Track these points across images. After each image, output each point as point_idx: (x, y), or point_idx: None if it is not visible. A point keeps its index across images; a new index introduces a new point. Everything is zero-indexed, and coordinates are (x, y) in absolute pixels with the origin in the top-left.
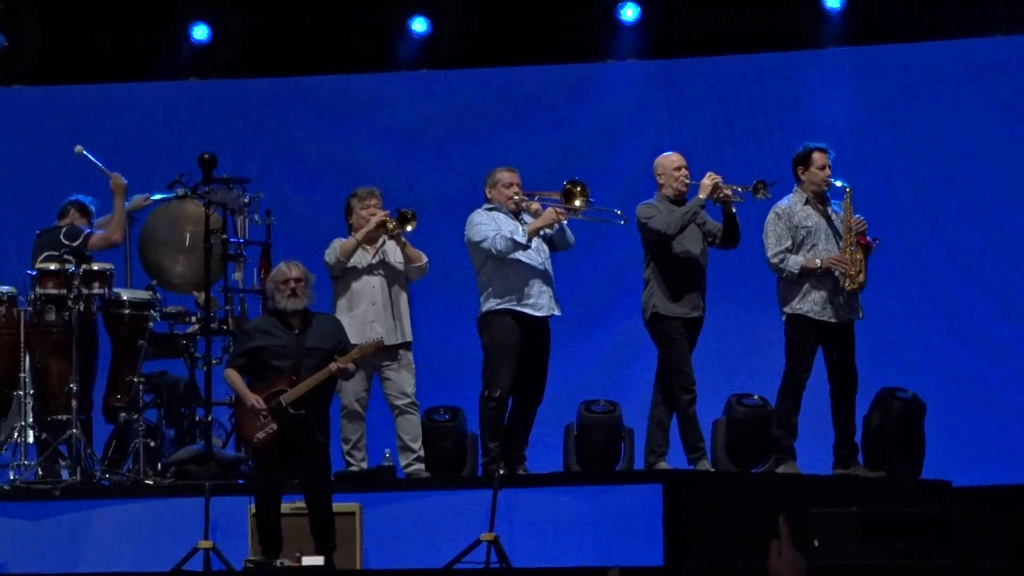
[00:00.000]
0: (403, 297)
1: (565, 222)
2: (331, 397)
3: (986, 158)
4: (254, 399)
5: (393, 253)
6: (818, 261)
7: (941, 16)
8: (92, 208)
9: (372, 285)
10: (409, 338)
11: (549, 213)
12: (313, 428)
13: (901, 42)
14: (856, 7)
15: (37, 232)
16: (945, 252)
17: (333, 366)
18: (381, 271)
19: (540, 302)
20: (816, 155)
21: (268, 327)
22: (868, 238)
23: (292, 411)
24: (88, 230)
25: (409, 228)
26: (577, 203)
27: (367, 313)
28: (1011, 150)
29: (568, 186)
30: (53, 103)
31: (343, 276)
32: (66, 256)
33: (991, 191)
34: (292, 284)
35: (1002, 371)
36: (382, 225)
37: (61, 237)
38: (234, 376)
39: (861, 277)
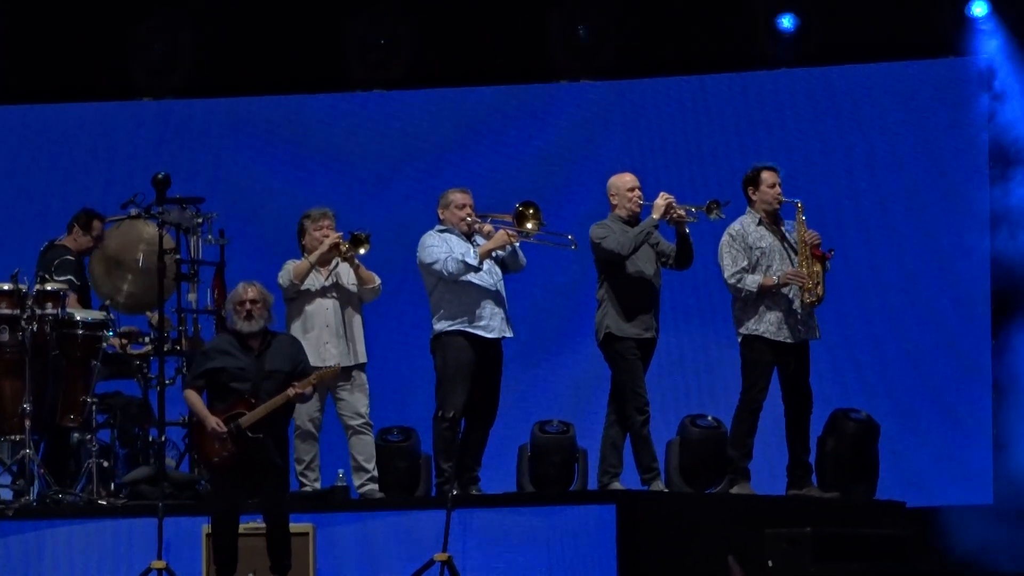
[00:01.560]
0: (356, 319)
1: (518, 244)
2: (289, 419)
3: (936, 178)
4: (214, 422)
5: (346, 275)
6: (775, 278)
7: (891, 38)
8: (103, 215)
9: (326, 307)
10: (363, 359)
11: (501, 235)
12: (271, 451)
13: (853, 63)
14: (809, 29)
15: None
16: (898, 272)
17: (291, 391)
18: (334, 293)
19: (492, 324)
20: (765, 174)
21: (228, 348)
22: (823, 250)
23: (251, 434)
24: (67, 291)
25: (362, 250)
26: (529, 225)
27: (321, 335)
28: (959, 168)
29: (520, 208)
30: (7, 122)
31: (297, 298)
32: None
33: (942, 210)
34: (248, 306)
35: (956, 390)
36: (335, 247)
37: (53, 266)
38: (193, 397)
39: (819, 290)
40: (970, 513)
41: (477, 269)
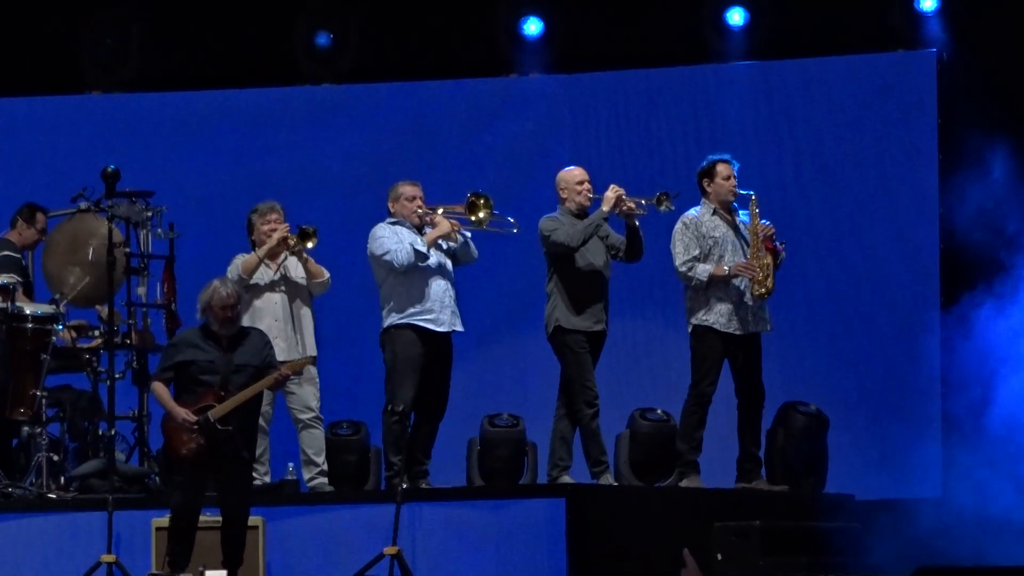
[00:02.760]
0: (306, 312)
1: (469, 235)
2: (257, 413)
3: (886, 171)
4: (184, 413)
5: (295, 268)
6: (726, 268)
7: (839, 32)
8: (46, 208)
9: (274, 301)
10: (312, 352)
11: (443, 223)
12: (239, 444)
13: (801, 57)
14: (758, 25)
15: None
16: (847, 265)
17: (284, 370)
18: (283, 287)
19: (442, 317)
20: (720, 167)
21: (197, 341)
22: (775, 243)
23: (220, 427)
24: (11, 283)
25: (310, 244)
26: (481, 215)
27: (270, 329)
28: (909, 162)
29: (472, 198)
30: None
31: (245, 292)
32: None
33: (892, 204)
34: (230, 312)
35: (905, 383)
36: (283, 241)
37: None
38: (161, 389)
39: (769, 282)
40: (919, 506)
41: (426, 257)
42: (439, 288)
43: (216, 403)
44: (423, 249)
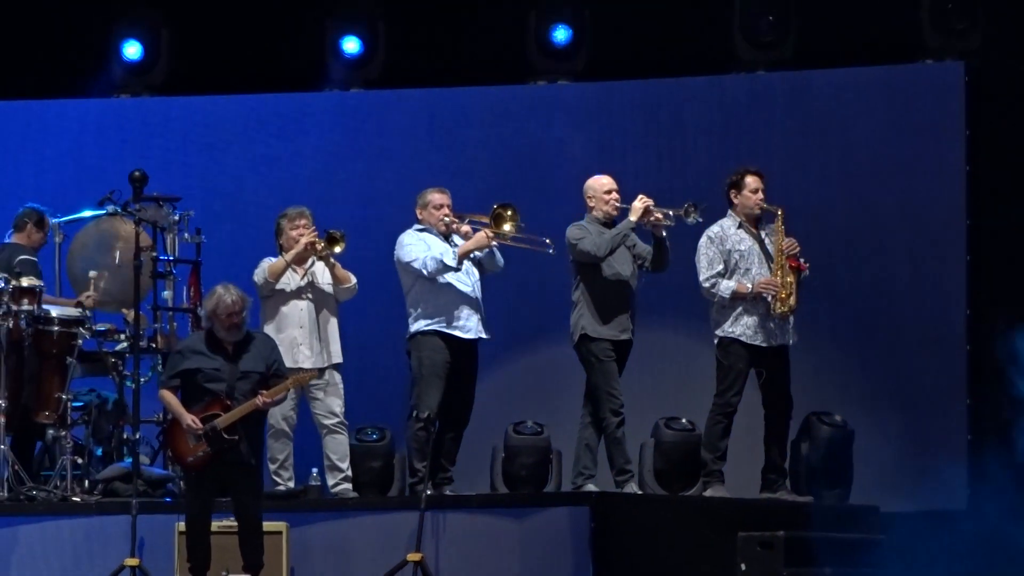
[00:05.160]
0: (332, 320)
1: (495, 245)
2: (264, 420)
3: (914, 183)
4: (191, 419)
5: (322, 275)
6: (749, 285)
7: (868, 42)
8: (48, 217)
9: (300, 308)
10: (337, 360)
11: (480, 237)
12: (245, 451)
13: (830, 67)
14: (787, 35)
15: None
16: (873, 275)
17: (259, 400)
18: (309, 294)
19: (468, 324)
20: (749, 178)
21: (202, 348)
22: (799, 260)
23: (226, 435)
24: (36, 286)
25: (338, 249)
26: (507, 227)
27: (295, 336)
28: (938, 174)
29: (498, 209)
30: None
31: (271, 297)
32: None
33: (919, 213)
34: (235, 319)
35: (931, 395)
36: (311, 246)
37: (14, 266)
38: (169, 396)
39: (792, 300)
40: (944, 518)
41: (456, 269)
42: (466, 295)
43: (222, 411)
44: (452, 263)
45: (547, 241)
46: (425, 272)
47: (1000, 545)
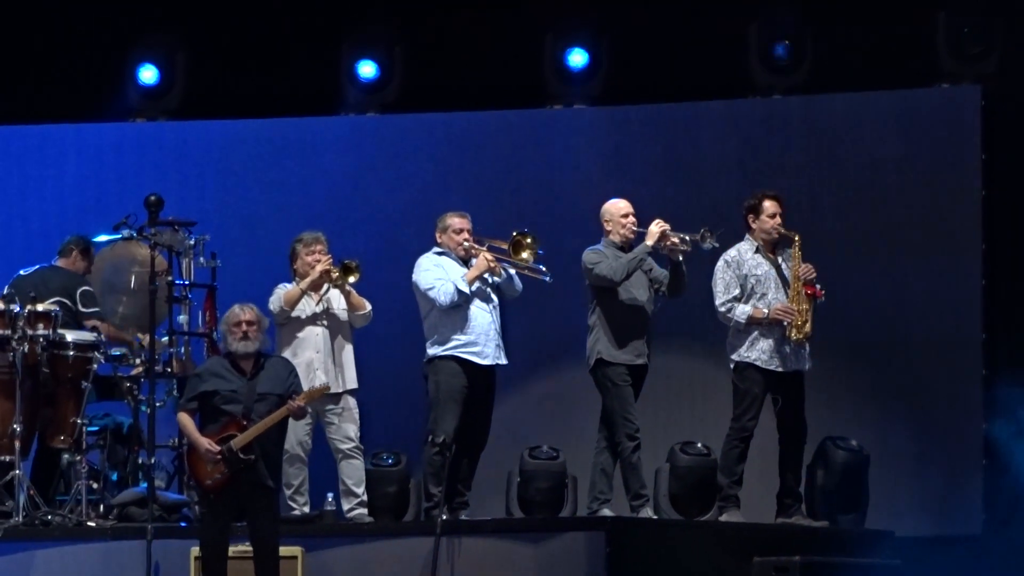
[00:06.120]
0: (347, 346)
1: (514, 271)
2: (283, 441)
3: (929, 208)
4: (207, 443)
5: (337, 301)
6: (765, 310)
7: (884, 66)
8: (93, 247)
9: (316, 334)
10: (352, 386)
11: (481, 261)
12: (263, 472)
13: (846, 91)
14: (802, 59)
15: (32, 269)
16: (889, 299)
17: (292, 404)
18: (325, 321)
19: (486, 350)
20: (767, 203)
21: (220, 370)
22: (815, 287)
23: (243, 456)
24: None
25: (352, 279)
26: (525, 254)
27: (311, 361)
28: (953, 198)
29: (517, 237)
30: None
31: (287, 324)
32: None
33: (935, 236)
34: (244, 327)
35: (946, 420)
36: (326, 273)
37: (78, 297)
38: (186, 419)
39: (807, 327)
40: (959, 543)
41: (469, 295)
42: (484, 321)
43: (239, 432)
44: (465, 288)
45: (543, 269)
46: (439, 303)
47: (1016, 570)
